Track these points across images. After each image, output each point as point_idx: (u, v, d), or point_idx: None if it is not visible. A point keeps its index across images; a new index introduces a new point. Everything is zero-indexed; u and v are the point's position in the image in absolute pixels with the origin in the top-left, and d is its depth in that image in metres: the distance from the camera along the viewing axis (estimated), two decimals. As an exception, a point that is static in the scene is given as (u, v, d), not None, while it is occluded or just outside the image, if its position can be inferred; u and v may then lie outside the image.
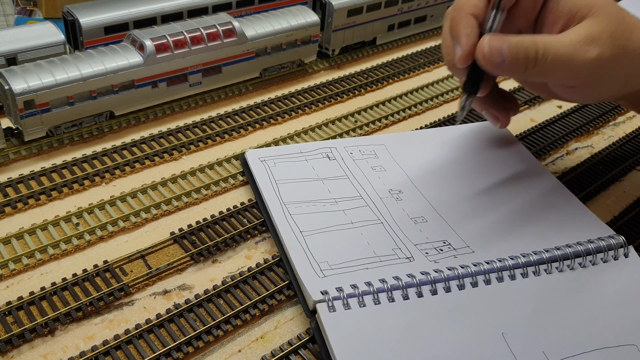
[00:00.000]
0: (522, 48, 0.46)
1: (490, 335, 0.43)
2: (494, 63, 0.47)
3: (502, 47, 0.46)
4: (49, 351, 0.42)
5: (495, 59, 0.47)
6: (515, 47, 0.46)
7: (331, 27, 0.79)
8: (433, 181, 0.57)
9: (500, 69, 0.47)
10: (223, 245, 0.51)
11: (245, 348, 0.44)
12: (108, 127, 0.64)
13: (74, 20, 0.68)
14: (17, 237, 0.50)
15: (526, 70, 0.47)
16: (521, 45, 0.46)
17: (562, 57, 0.46)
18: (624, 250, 0.49)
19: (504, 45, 0.46)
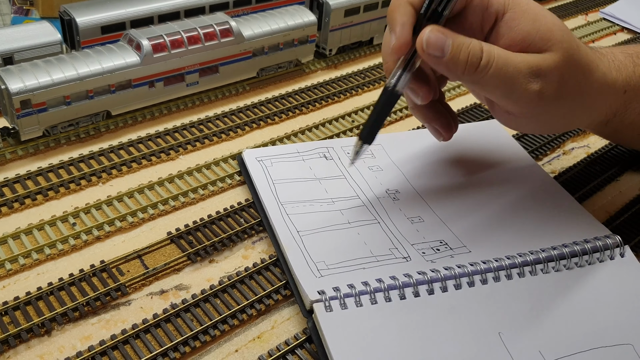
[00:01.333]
0: (466, 50, 0.44)
1: (487, 334, 0.43)
2: (430, 55, 0.44)
3: (445, 42, 0.44)
4: (46, 351, 0.42)
5: (433, 51, 0.44)
6: (458, 47, 0.44)
7: (328, 27, 0.79)
8: (430, 181, 0.57)
9: (437, 63, 0.45)
10: (220, 245, 0.51)
11: (242, 348, 0.44)
12: (105, 127, 0.64)
13: (71, 20, 0.68)
14: (13, 237, 0.50)
15: (464, 74, 0.44)
16: (466, 46, 0.44)
17: (503, 76, 0.44)
18: (620, 250, 0.50)
19: (448, 41, 0.44)
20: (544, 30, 0.45)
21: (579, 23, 1.00)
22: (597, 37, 0.96)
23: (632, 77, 0.51)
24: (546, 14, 0.46)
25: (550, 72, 0.44)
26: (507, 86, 0.45)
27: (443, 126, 0.53)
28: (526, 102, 0.45)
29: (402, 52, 0.46)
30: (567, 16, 1.02)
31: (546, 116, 0.48)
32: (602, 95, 0.49)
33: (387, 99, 0.47)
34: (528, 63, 0.44)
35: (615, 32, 0.98)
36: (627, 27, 1.00)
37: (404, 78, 0.46)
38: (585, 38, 0.95)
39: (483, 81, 0.45)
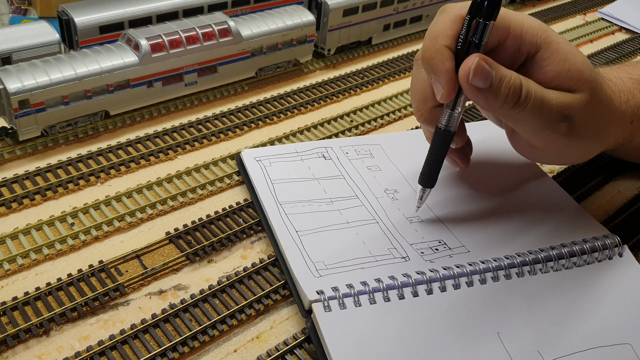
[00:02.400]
0: (507, 82, 0.43)
1: (486, 334, 0.43)
2: (473, 86, 0.43)
3: (490, 73, 0.43)
4: (44, 351, 0.42)
5: (478, 82, 0.43)
6: (501, 79, 0.43)
7: (327, 27, 0.79)
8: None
9: (476, 94, 0.44)
10: (219, 245, 0.51)
11: (241, 348, 0.44)
12: (103, 127, 0.64)
13: (69, 20, 0.68)
14: (11, 237, 0.50)
15: (501, 107, 0.44)
16: (509, 80, 0.43)
17: (539, 112, 0.44)
18: (618, 250, 0.50)
19: (492, 73, 0.43)
20: (573, 71, 0.45)
21: (577, 23, 1.00)
22: (596, 37, 0.96)
23: (639, 106, 0.52)
24: (576, 54, 0.46)
25: (579, 112, 0.45)
26: (540, 123, 0.45)
27: (461, 158, 0.54)
28: (553, 139, 0.46)
29: (451, 98, 0.45)
30: (566, 16, 1.03)
31: (567, 151, 0.48)
32: (613, 127, 0.50)
33: (442, 141, 0.48)
34: (560, 102, 0.44)
35: (614, 32, 0.98)
36: (625, 27, 1.00)
37: (454, 116, 0.46)
38: (583, 38, 0.95)
39: (518, 116, 0.45)
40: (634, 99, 0.52)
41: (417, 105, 0.49)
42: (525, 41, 0.46)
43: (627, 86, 0.52)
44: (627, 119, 0.51)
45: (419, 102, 0.49)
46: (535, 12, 1.02)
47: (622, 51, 0.91)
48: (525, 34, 0.45)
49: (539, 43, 0.45)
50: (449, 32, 0.44)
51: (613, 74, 0.53)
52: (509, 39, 0.46)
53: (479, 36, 0.43)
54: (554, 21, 1.00)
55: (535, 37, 0.45)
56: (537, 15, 1.02)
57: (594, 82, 0.46)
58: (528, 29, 0.45)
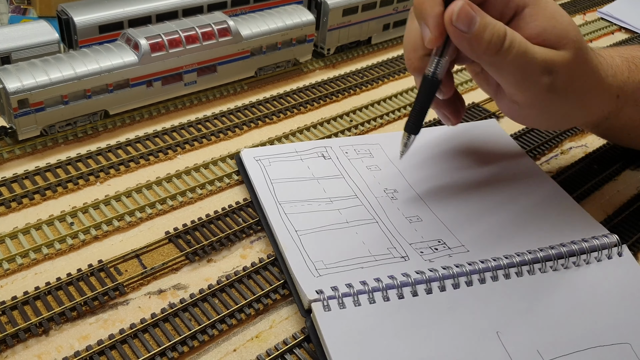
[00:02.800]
0: (491, 29, 0.44)
1: (485, 334, 0.43)
2: (456, 30, 0.44)
3: (474, 18, 0.44)
4: (44, 351, 0.42)
5: (461, 24, 0.44)
6: (484, 25, 0.44)
7: (326, 27, 0.79)
8: (428, 180, 0.57)
9: (460, 38, 0.45)
10: (218, 244, 0.51)
11: (241, 347, 0.44)
12: (103, 126, 0.64)
13: (69, 19, 0.68)
14: (11, 237, 0.50)
15: (484, 53, 0.45)
16: (493, 27, 0.44)
17: (521, 63, 0.45)
18: (617, 249, 0.50)
19: (476, 17, 0.44)
20: (559, 29, 0.46)
21: (577, 22, 1.00)
22: (595, 36, 0.96)
23: (627, 82, 0.53)
24: (563, 14, 0.47)
25: (562, 69, 0.46)
26: (522, 74, 0.46)
27: (452, 112, 0.54)
28: (535, 93, 0.47)
29: (438, 44, 0.46)
30: (565, 16, 1.02)
31: (549, 110, 0.49)
32: (598, 97, 0.51)
33: (428, 88, 0.48)
34: (544, 56, 0.46)
35: (613, 32, 0.99)
36: (624, 27, 1.00)
37: (442, 64, 0.47)
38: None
39: (501, 65, 0.46)
40: (622, 74, 0.53)
41: (408, 54, 0.50)
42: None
43: (615, 62, 0.53)
44: (613, 93, 0.52)
45: (410, 51, 0.50)
46: (534, 12, 1.02)
47: (622, 51, 0.91)
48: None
49: (527, 0, 0.47)
50: None
51: (603, 52, 0.54)
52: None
53: None
54: (553, 21, 1.00)
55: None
56: (536, 14, 1.02)
57: (579, 43, 0.47)
58: None
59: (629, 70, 0.53)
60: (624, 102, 0.53)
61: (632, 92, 0.53)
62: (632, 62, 0.54)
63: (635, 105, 0.54)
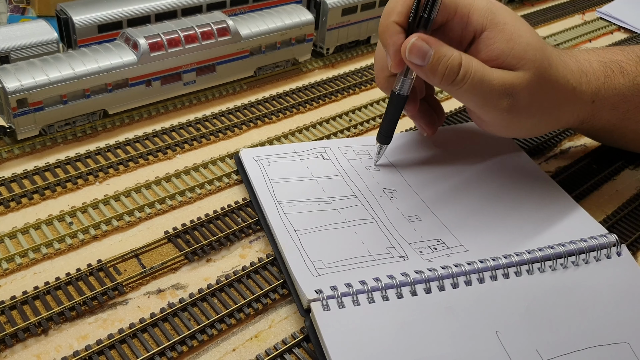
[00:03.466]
0: (445, 61, 0.47)
1: (484, 333, 0.43)
2: (412, 63, 0.48)
3: (428, 52, 0.47)
4: (43, 351, 0.42)
5: (414, 58, 0.47)
6: (438, 58, 0.47)
7: (325, 26, 0.79)
8: (427, 180, 0.57)
9: (417, 70, 0.48)
10: (217, 244, 0.51)
11: (240, 347, 0.44)
12: (102, 126, 0.64)
13: (67, 19, 0.68)
14: (10, 236, 0.50)
15: (440, 84, 0.48)
16: (446, 59, 0.47)
17: (477, 91, 0.48)
18: (616, 249, 0.50)
19: (430, 51, 0.47)
20: (517, 50, 0.48)
21: (576, 22, 1.00)
22: (594, 36, 0.96)
23: (602, 88, 0.54)
24: (522, 34, 0.49)
25: (521, 90, 0.48)
26: (481, 100, 0.48)
27: (426, 124, 0.58)
28: (496, 115, 0.49)
29: (399, 70, 0.50)
30: (564, 15, 1.03)
31: (514, 125, 0.52)
32: (568, 106, 0.53)
33: (395, 103, 0.53)
34: (502, 80, 0.47)
35: (612, 32, 0.99)
36: (623, 27, 1.00)
37: (406, 82, 0.51)
38: (582, 37, 0.95)
39: (458, 92, 0.48)
40: (597, 80, 0.54)
41: (376, 73, 0.55)
42: (472, 21, 0.49)
43: (592, 68, 0.54)
44: (587, 99, 0.54)
45: (378, 70, 0.54)
46: (533, 12, 1.03)
47: (621, 51, 0.91)
48: (473, 14, 0.49)
49: (485, 24, 0.48)
50: (400, 8, 0.48)
51: (583, 56, 0.55)
52: (456, 18, 0.49)
53: (428, 12, 0.47)
54: (552, 21, 1.00)
55: (482, 18, 0.48)
56: (535, 14, 1.02)
57: (539, 62, 0.48)
58: (476, 9, 0.49)
59: (605, 75, 0.54)
60: (600, 107, 0.55)
61: (608, 97, 0.54)
62: (609, 67, 0.55)
63: (612, 109, 0.55)
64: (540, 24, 0.99)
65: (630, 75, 0.55)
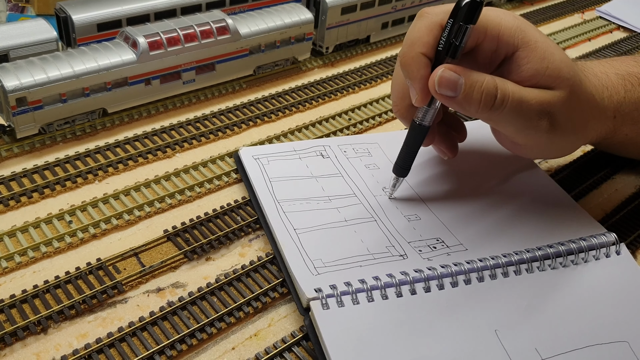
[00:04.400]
0: (479, 88, 0.44)
1: (483, 332, 0.43)
2: (443, 95, 0.45)
3: (458, 81, 0.44)
4: (42, 349, 0.42)
5: (445, 90, 0.44)
6: (471, 85, 0.44)
7: (325, 25, 0.79)
8: (426, 179, 0.57)
9: (450, 102, 0.45)
10: (217, 243, 0.51)
11: (239, 346, 0.44)
12: (101, 125, 0.64)
13: (67, 17, 0.68)
14: (9, 235, 0.50)
15: (478, 112, 0.45)
16: (480, 84, 0.44)
17: (518, 113, 0.45)
18: (615, 248, 0.50)
19: (460, 80, 0.44)
20: (552, 69, 0.46)
21: (575, 21, 1.00)
22: (593, 35, 0.96)
23: (623, 102, 0.53)
24: (554, 52, 0.46)
25: (559, 109, 0.46)
26: (521, 122, 0.46)
27: (448, 148, 0.55)
28: (535, 137, 0.47)
29: (426, 103, 0.47)
30: (563, 14, 1.03)
31: (549, 146, 0.50)
32: (595, 122, 0.51)
33: (416, 134, 0.50)
34: (540, 100, 0.45)
35: (612, 31, 0.99)
36: (623, 26, 1.00)
37: (430, 112, 0.48)
38: (581, 36, 0.95)
39: (498, 118, 0.46)
40: (617, 94, 0.53)
41: (395, 101, 0.51)
42: (503, 42, 0.46)
43: (611, 82, 0.53)
44: (610, 114, 0.52)
45: (397, 98, 0.51)
46: (533, 11, 1.03)
47: (620, 49, 0.91)
48: (502, 35, 0.46)
49: (517, 43, 0.46)
50: (425, 39, 0.45)
51: (599, 69, 0.54)
52: (486, 41, 0.47)
53: (459, 39, 0.44)
54: (551, 20, 1.00)
55: (513, 38, 0.46)
56: (534, 13, 1.02)
57: (572, 79, 0.46)
58: (505, 29, 0.46)
59: (624, 89, 0.53)
60: (621, 122, 0.54)
61: (629, 112, 0.53)
62: (627, 80, 0.54)
63: (633, 123, 0.54)
64: (540, 23, 0.99)
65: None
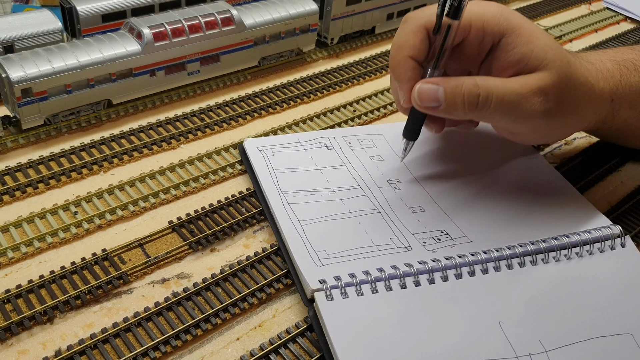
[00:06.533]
0: (460, 92, 0.46)
1: (487, 324, 0.43)
2: (428, 107, 0.47)
3: (438, 91, 0.46)
4: (48, 339, 0.42)
5: (427, 103, 0.46)
6: (452, 92, 0.46)
7: (330, 16, 0.79)
8: (431, 171, 0.57)
9: (436, 112, 0.47)
10: (221, 234, 0.51)
11: (244, 336, 0.44)
12: (106, 116, 0.64)
13: (72, 8, 0.68)
14: (15, 226, 0.50)
15: (465, 114, 0.46)
16: (459, 89, 0.46)
17: (506, 105, 0.46)
18: (620, 240, 0.50)
19: (440, 90, 0.46)
20: (537, 51, 0.47)
21: (582, 12, 1.00)
22: (600, 26, 0.95)
23: (619, 85, 0.53)
24: (539, 36, 0.48)
25: (549, 90, 0.47)
26: (513, 112, 0.47)
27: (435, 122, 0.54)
28: (531, 122, 0.48)
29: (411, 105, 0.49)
30: (570, 5, 1.02)
31: (548, 129, 0.50)
32: (591, 105, 0.52)
33: None
34: (528, 85, 0.46)
35: (619, 22, 0.98)
36: (630, 17, 0.99)
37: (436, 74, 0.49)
38: (588, 28, 0.94)
39: (488, 115, 0.47)
40: (613, 78, 0.53)
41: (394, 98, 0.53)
42: (488, 31, 0.48)
43: (606, 67, 0.53)
44: (607, 97, 0.53)
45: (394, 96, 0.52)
46: (539, 2, 1.02)
47: (627, 41, 0.90)
48: (487, 24, 0.48)
49: (502, 31, 0.48)
50: (411, 42, 0.48)
51: (594, 57, 0.54)
52: (472, 34, 0.48)
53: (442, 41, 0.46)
54: (558, 11, 1.00)
55: (497, 26, 0.48)
56: (541, 5, 1.01)
57: (560, 60, 0.47)
58: (489, 19, 0.48)
59: (620, 73, 0.54)
60: (618, 105, 0.54)
61: (626, 95, 0.54)
62: (623, 65, 0.54)
63: (630, 107, 0.55)
64: (546, 14, 0.98)
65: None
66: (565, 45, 0.89)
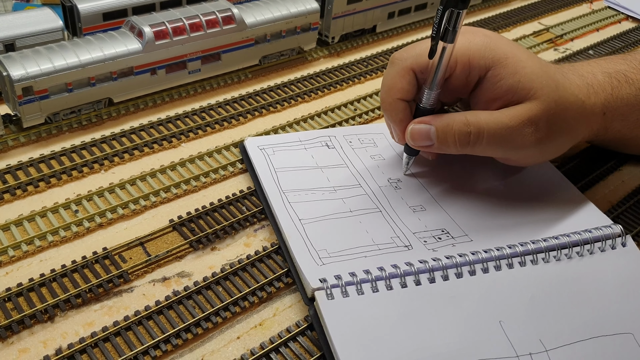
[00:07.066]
0: (451, 131, 0.47)
1: (488, 323, 0.43)
2: (421, 146, 0.49)
3: (430, 131, 0.48)
4: (49, 337, 0.42)
5: (420, 142, 0.49)
6: (443, 131, 0.48)
7: (331, 15, 0.79)
8: (431, 170, 0.57)
9: (430, 150, 0.50)
10: (222, 232, 0.51)
11: (244, 335, 0.44)
12: (107, 114, 0.64)
13: (72, 6, 0.68)
14: (16, 224, 0.50)
15: (459, 151, 0.48)
16: (450, 128, 0.47)
17: (499, 139, 0.47)
18: (621, 240, 0.50)
19: (432, 129, 0.48)
20: (524, 81, 0.48)
21: (584, 11, 1.00)
22: (602, 25, 0.95)
23: (610, 99, 0.54)
24: (525, 64, 0.48)
25: (539, 119, 0.47)
26: (506, 145, 0.48)
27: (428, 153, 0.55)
28: (526, 151, 0.49)
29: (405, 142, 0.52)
30: (572, 4, 1.02)
31: (540, 154, 0.51)
32: (583, 121, 0.52)
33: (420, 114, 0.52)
34: (518, 118, 0.47)
35: (620, 21, 0.98)
36: (631, 16, 0.99)
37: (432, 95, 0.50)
38: (589, 27, 0.94)
39: (482, 150, 0.48)
40: (604, 92, 0.53)
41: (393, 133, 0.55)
42: (474, 66, 0.49)
43: (597, 80, 0.54)
44: (598, 112, 0.53)
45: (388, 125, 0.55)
46: (541, 1, 1.02)
47: (628, 40, 0.90)
48: (473, 59, 0.49)
49: (487, 64, 0.48)
50: (399, 85, 0.50)
51: (585, 69, 0.55)
52: (458, 69, 0.49)
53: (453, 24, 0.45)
54: (560, 9, 1.00)
55: (483, 59, 0.48)
56: (542, 4, 1.01)
57: (548, 87, 0.48)
58: (475, 53, 0.48)
59: (611, 86, 0.54)
60: (610, 118, 0.54)
61: (617, 108, 0.54)
62: (614, 78, 0.54)
63: (622, 119, 0.55)
64: (547, 13, 0.98)
65: (636, 84, 0.55)
66: (567, 44, 0.89)
